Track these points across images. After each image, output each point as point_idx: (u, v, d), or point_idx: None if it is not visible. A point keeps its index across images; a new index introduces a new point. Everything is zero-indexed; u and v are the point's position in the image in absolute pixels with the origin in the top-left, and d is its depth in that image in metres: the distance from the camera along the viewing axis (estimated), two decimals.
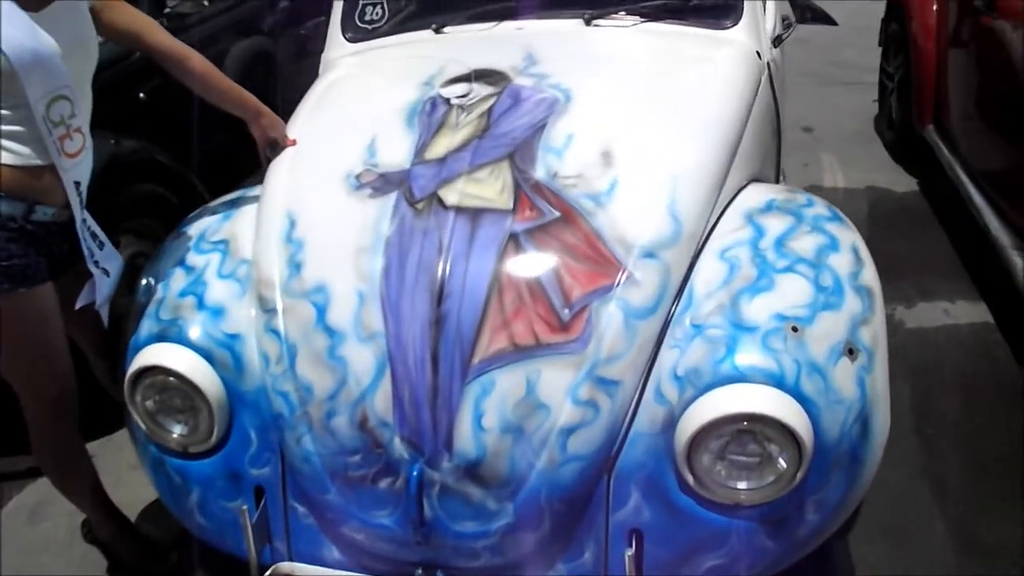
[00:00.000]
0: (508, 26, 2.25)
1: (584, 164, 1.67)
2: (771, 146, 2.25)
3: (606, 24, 2.22)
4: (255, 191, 2.04)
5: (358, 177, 1.75)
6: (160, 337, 1.72)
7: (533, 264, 1.53)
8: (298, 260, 1.67)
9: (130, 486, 2.38)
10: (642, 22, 2.21)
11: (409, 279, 1.55)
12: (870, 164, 3.97)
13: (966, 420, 2.36)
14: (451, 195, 1.63)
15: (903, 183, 3.79)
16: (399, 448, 1.51)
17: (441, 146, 1.75)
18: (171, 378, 1.68)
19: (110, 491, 2.36)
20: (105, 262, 1.82)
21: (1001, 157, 2.97)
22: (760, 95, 2.09)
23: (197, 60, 1.85)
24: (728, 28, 2.20)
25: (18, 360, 1.76)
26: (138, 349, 1.73)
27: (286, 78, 3.75)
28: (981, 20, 2.98)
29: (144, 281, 1.87)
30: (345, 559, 1.67)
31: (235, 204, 1.99)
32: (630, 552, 1.48)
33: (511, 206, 1.60)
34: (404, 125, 1.84)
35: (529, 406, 1.47)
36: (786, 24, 2.46)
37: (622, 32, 2.19)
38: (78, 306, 1.82)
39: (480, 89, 1.89)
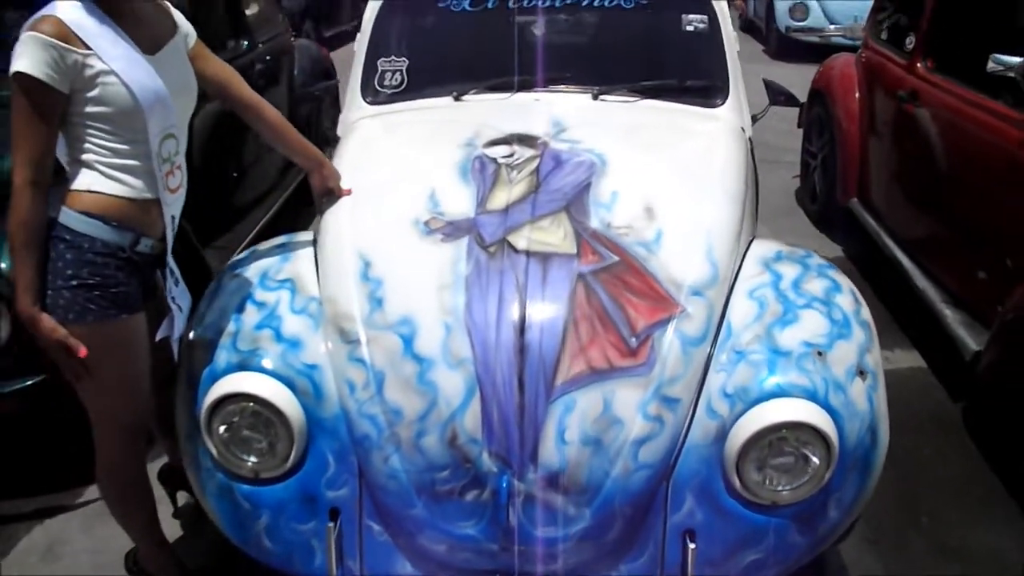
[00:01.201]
0: (524, 96, 2.61)
1: (631, 217, 2.03)
2: (755, 209, 2.68)
3: (611, 99, 2.62)
4: (302, 236, 2.30)
5: (427, 224, 2.04)
6: (240, 366, 1.93)
7: (601, 300, 1.85)
8: (379, 296, 1.93)
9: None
10: (641, 99, 2.64)
11: (492, 312, 1.84)
12: (797, 233, 4.53)
13: (919, 448, 2.81)
14: (520, 241, 1.95)
15: (829, 249, 4.36)
16: (487, 462, 1.77)
17: (500, 199, 2.07)
18: (253, 404, 1.89)
19: (122, 532, 2.49)
20: (180, 298, 2.02)
21: (923, 225, 3.55)
22: (748, 164, 2.52)
23: (271, 112, 2.12)
24: (717, 107, 2.65)
25: (104, 386, 1.91)
26: (216, 378, 1.93)
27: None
28: (905, 108, 3.59)
29: (206, 316, 2.07)
30: (419, 573, 1.90)
31: (287, 247, 2.23)
32: (692, 547, 1.79)
33: (575, 251, 1.93)
34: (459, 179, 2.15)
35: (606, 421, 1.77)
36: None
37: (627, 106, 2.59)
38: (158, 338, 2.00)
39: (522, 151, 2.23)
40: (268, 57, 4.27)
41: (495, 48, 2.80)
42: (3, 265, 2.56)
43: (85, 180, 1.81)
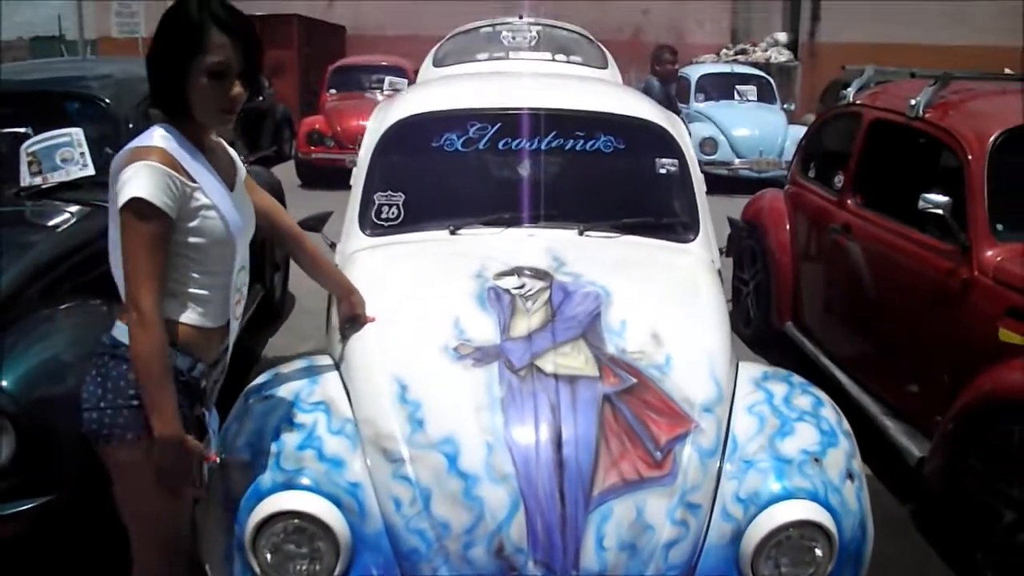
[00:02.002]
0: (518, 232, 2.93)
1: (641, 343, 2.34)
2: None
3: (595, 235, 2.97)
4: (321, 359, 2.52)
5: (456, 349, 2.30)
6: (286, 485, 2.10)
7: (627, 418, 2.14)
8: (419, 417, 2.16)
9: None
10: (622, 235, 3.00)
11: (530, 431, 2.10)
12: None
13: (877, 548, 3.14)
14: (547, 365, 2.23)
15: None
16: (533, 570, 1.98)
17: (522, 327, 2.36)
18: (298, 521, 2.06)
19: None
20: (213, 421, 2.19)
21: (859, 345, 4.01)
22: (722, 293, 2.90)
23: (309, 242, 2.38)
24: (690, 242, 3.04)
25: (150, 502, 2.03)
26: (261, 497, 2.09)
27: None
28: (838, 240, 4.11)
29: (238, 438, 2.24)
30: None
31: (312, 371, 2.43)
32: None
33: (598, 374, 2.23)
34: (479, 309, 2.43)
35: (639, 527, 2.03)
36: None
37: (611, 242, 2.95)
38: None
39: (532, 283, 2.54)
40: None
41: (488, 187, 3.16)
42: (4, 383, 2.66)
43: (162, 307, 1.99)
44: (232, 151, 2.21)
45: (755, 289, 5.05)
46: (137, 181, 1.83)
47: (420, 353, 2.32)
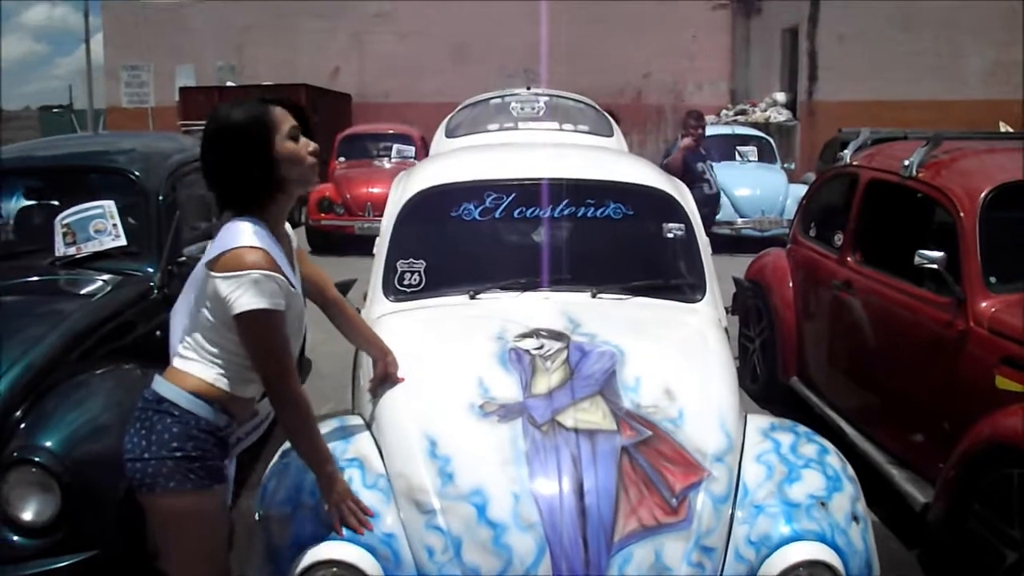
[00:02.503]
0: (534, 295, 3.12)
1: (655, 398, 2.52)
2: None
3: (607, 297, 3.16)
4: (352, 420, 2.69)
5: (481, 407, 2.48)
6: (326, 537, 2.26)
7: (644, 468, 2.31)
8: (448, 471, 2.32)
9: None
10: (632, 296, 3.19)
11: (553, 482, 2.26)
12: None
13: None
14: (568, 420, 2.40)
15: None
16: None
17: (542, 385, 2.53)
18: (338, 569, 2.21)
19: None
20: (231, 472, 2.37)
21: (862, 397, 4.18)
22: (730, 350, 3.07)
23: (350, 309, 2.60)
24: (697, 302, 3.23)
25: (193, 549, 2.20)
26: (304, 547, 2.24)
27: None
28: (840, 296, 4.31)
29: (278, 493, 2.40)
30: None
31: (345, 430, 2.59)
32: None
33: (616, 427, 2.39)
34: (501, 368, 2.61)
35: (659, 570, 2.18)
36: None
37: (622, 303, 3.14)
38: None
39: (550, 344, 2.72)
40: None
41: (504, 253, 3.36)
42: (49, 444, 2.83)
43: (209, 374, 2.18)
44: (290, 231, 2.40)
45: (761, 346, 5.23)
46: (255, 292, 2.05)
47: (447, 411, 2.50)
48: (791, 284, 4.96)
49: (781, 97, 16.66)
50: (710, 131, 12.69)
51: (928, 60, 15.78)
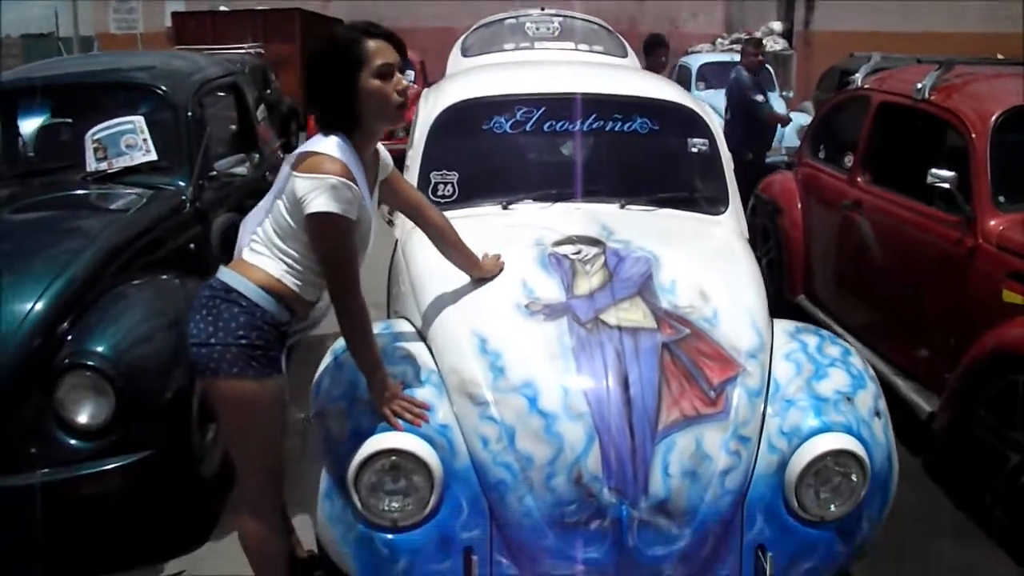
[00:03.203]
0: (565, 206, 3.23)
1: (691, 299, 2.64)
2: None
3: (634, 209, 3.27)
4: (399, 324, 2.80)
5: (527, 307, 2.59)
6: (383, 429, 2.39)
7: (684, 362, 2.44)
8: (500, 365, 2.45)
9: None
10: (659, 208, 3.31)
11: (600, 375, 2.39)
12: None
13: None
14: (610, 318, 2.52)
15: None
16: (608, 496, 2.28)
17: (584, 287, 2.65)
18: (396, 458, 2.34)
19: None
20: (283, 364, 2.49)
21: (870, 314, 4.34)
22: (754, 259, 3.20)
23: (449, 229, 2.69)
24: (721, 214, 3.35)
25: (254, 438, 2.34)
26: (363, 438, 2.38)
27: None
28: (849, 215, 4.43)
29: (332, 390, 2.53)
30: None
31: (393, 332, 2.70)
32: (770, 555, 2.34)
33: (656, 326, 2.52)
34: (542, 272, 2.72)
35: (699, 457, 2.33)
36: None
37: (650, 214, 3.25)
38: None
39: (587, 249, 2.83)
40: (271, 169, 4.81)
41: (535, 165, 3.46)
42: (99, 349, 2.94)
43: (277, 270, 2.29)
44: (384, 154, 2.49)
45: (768, 265, 5.36)
46: (329, 196, 2.15)
47: (494, 311, 2.61)
48: (799, 205, 5.08)
49: (777, 26, 16.53)
50: (708, 59, 12.73)
51: None
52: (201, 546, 3.17)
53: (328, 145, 2.22)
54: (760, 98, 7.06)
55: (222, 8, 15.85)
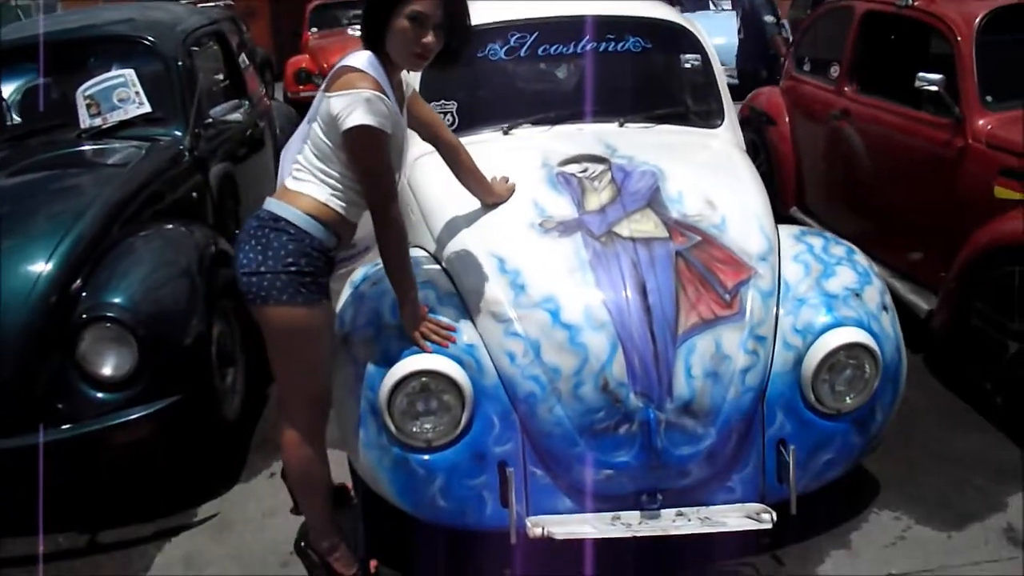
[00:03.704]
0: (565, 128, 3.26)
1: (699, 208, 2.69)
2: None
3: (633, 126, 3.31)
4: (417, 252, 2.82)
5: (541, 225, 2.64)
6: (412, 352, 2.45)
7: (698, 268, 2.50)
8: (520, 283, 2.50)
9: (275, 529, 2.94)
10: (658, 125, 3.34)
11: (619, 285, 2.45)
12: None
13: None
14: (623, 231, 2.58)
15: None
16: (634, 400, 2.35)
17: (594, 202, 2.70)
18: (426, 379, 2.40)
19: (254, 536, 2.92)
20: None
21: (863, 221, 4.41)
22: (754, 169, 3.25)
23: (464, 153, 2.71)
24: (717, 127, 3.39)
25: (303, 359, 2.37)
26: (393, 362, 2.43)
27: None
28: (838, 125, 4.48)
29: (358, 317, 2.58)
30: (575, 505, 2.45)
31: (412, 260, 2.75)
32: (792, 448, 2.44)
33: (668, 235, 2.58)
34: (553, 191, 2.77)
35: (719, 358, 2.40)
36: None
37: (649, 131, 3.28)
38: None
39: (593, 167, 2.87)
40: (260, 117, 4.79)
41: (532, 89, 3.48)
42: (117, 300, 2.95)
43: (322, 194, 2.31)
44: (407, 76, 2.50)
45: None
46: (365, 109, 2.17)
47: (510, 232, 2.66)
48: (787, 118, 5.13)
49: None
50: None
51: None
52: (231, 488, 3.22)
53: (360, 59, 2.25)
54: (770, 19, 7.07)
55: None
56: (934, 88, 3.65)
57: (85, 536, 2.98)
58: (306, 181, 2.33)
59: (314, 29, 11.65)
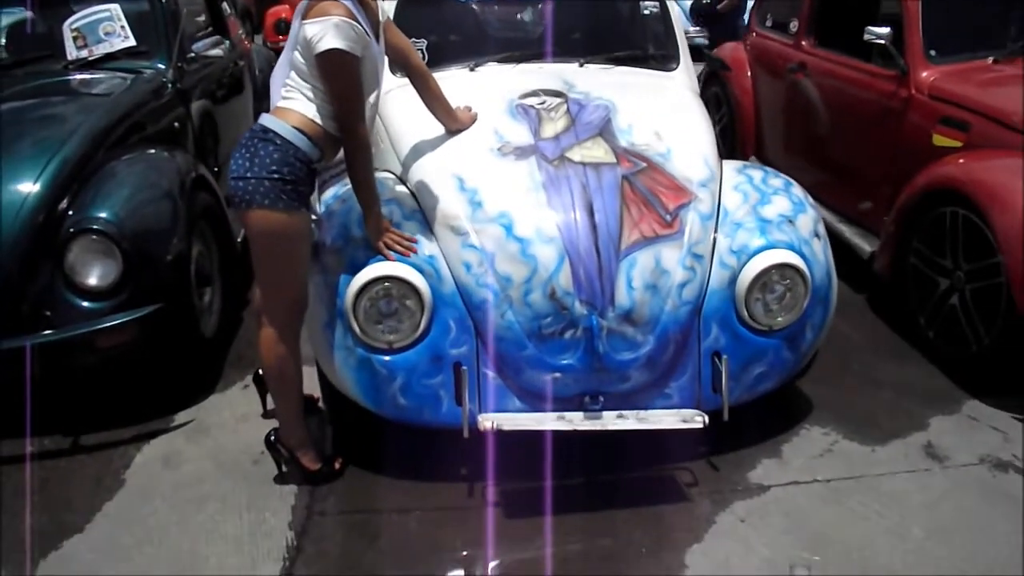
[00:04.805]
0: (528, 66, 3.43)
1: (647, 138, 2.88)
2: None
3: (592, 67, 3.48)
4: (383, 174, 3.00)
5: (499, 150, 2.83)
6: (377, 260, 2.63)
7: (642, 191, 2.69)
8: (477, 200, 2.68)
9: (247, 432, 3.12)
10: (616, 66, 3.52)
11: (568, 203, 2.63)
12: None
13: (839, 325, 3.71)
14: (575, 156, 2.76)
15: None
16: (579, 308, 2.55)
17: (549, 130, 2.88)
18: (390, 284, 2.59)
19: (228, 438, 3.11)
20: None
21: (815, 169, 4.61)
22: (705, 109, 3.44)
23: (432, 80, 2.89)
24: (673, 71, 3.57)
25: (281, 266, 2.55)
26: (359, 269, 2.62)
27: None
28: (795, 77, 4.67)
29: (329, 229, 2.75)
30: (524, 405, 2.65)
31: (378, 183, 2.91)
32: (725, 358, 2.64)
33: (616, 161, 2.76)
34: (512, 120, 2.95)
35: (658, 272, 2.60)
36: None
37: (608, 71, 3.46)
38: None
39: (551, 100, 3.05)
40: (240, 58, 4.92)
41: (498, 30, 3.64)
42: (103, 215, 3.07)
43: (309, 110, 2.49)
44: (383, 9, 2.67)
45: (721, 132, 5.60)
46: (331, 35, 2.35)
47: (470, 155, 2.84)
48: (748, 73, 5.32)
49: None
50: None
51: None
52: (207, 398, 3.40)
53: None
54: None
55: None
56: (881, 41, 3.84)
57: (69, 439, 3.15)
58: (294, 99, 2.51)
59: None
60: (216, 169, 4.12)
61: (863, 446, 3.03)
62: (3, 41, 4.44)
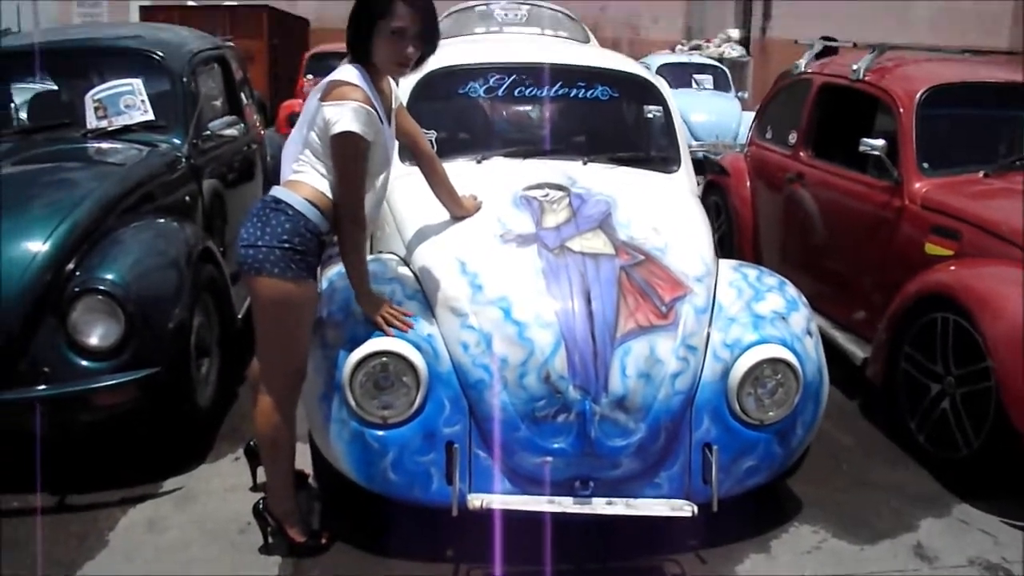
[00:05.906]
0: (533, 162, 3.60)
1: (645, 233, 3.02)
2: None
3: (595, 166, 3.65)
4: (386, 256, 3.14)
5: (502, 236, 2.96)
6: (377, 335, 2.73)
7: (639, 282, 2.82)
8: (478, 283, 2.80)
9: (235, 502, 3.17)
10: (619, 166, 3.69)
11: (566, 290, 2.75)
12: None
13: (832, 430, 3.83)
14: (575, 246, 2.89)
15: None
16: (573, 392, 2.64)
17: (551, 221, 3.02)
18: (387, 359, 2.68)
19: (216, 507, 3.15)
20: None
21: (811, 277, 4.74)
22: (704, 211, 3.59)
23: (439, 165, 3.05)
24: (674, 173, 3.75)
25: (284, 335, 2.65)
26: (358, 343, 2.71)
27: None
28: (792, 187, 4.88)
29: (330, 304, 2.85)
30: (514, 487, 2.71)
31: (382, 261, 3.06)
32: (715, 448, 2.72)
33: (614, 252, 2.90)
34: (515, 209, 3.09)
35: (652, 361, 2.70)
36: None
37: (610, 170, 3.62)
38: None
39: (554, 193, 3.20)
40: (253, 142, 5.13)
41: (506, 126, 3.83)
42: (110, 276, 3.19)
43: (320, 184, 2.63)
44: (395, 87, 2.84)
45: (720, 240, 5.78)
46: (352, 118, 2.52)
47: (473, 240, 2.98)
48: (748, 183, 5.53)
49: (735, 33, 17.20)
50: (667, 59, 13.23)
51: (877, 4, 16.40)
52: (197, 467, 3.45)
53: (348, 73, 2.59)
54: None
55: (190, 3, 16.08)
56: (876, 152, 4.05)
57: (55, 497, 3.18)
58: (306, 173, 2.66)
59: (309, 76, 12.10)
60: (222, 249, 4.25)
61: (852, 544, 3.08)
62: (27, 107, 4.65)
